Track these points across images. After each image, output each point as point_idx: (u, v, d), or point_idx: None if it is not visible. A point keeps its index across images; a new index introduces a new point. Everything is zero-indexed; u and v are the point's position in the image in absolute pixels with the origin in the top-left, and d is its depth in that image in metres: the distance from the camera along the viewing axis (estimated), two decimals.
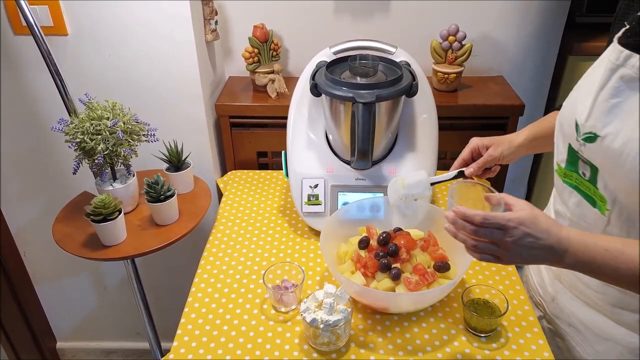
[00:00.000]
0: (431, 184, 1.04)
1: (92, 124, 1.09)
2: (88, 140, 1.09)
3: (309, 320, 0.86)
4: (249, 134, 1.46)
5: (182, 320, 0.97)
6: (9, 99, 1.36)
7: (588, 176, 0.80)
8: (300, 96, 1.17)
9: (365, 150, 1.04)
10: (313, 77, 1.09)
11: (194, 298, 1.02)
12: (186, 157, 1.30)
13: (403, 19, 1.47)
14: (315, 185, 1.15)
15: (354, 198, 1.12)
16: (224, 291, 1.03)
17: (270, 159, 1.52)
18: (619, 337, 0.85)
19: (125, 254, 1.12)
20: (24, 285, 1.70)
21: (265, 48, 1.43)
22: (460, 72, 1.44)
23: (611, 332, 0.86)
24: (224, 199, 1.33)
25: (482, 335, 0.92)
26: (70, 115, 1.18)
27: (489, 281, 1.04)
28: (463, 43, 1.42)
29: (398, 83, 1.05)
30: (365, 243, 0.97)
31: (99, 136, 1.09)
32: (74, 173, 1.12)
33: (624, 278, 0.69)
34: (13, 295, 1.65)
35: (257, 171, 1.45)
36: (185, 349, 0.91)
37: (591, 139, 0.76)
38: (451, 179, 1.03)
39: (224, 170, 1.57)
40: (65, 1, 1.22)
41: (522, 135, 1.02)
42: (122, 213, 1.12)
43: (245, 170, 1.46)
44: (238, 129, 1.46)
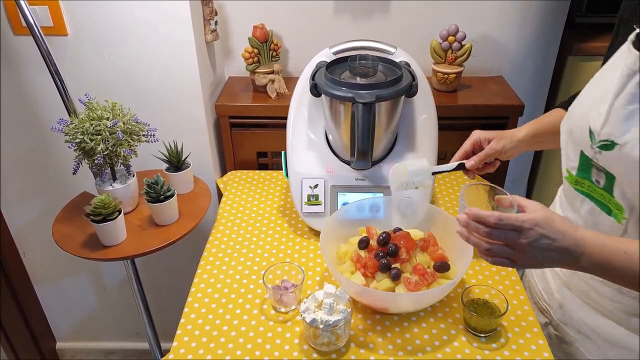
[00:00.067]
0: (432, 174, 1.04)
1: (92, 124, 1.09)
2: (88, 140, 1.09)
3: (308, 320, 0.86)
4: (249, 134, 1.46)
5: (182, 321, 0.97)
6: (9, 99, 1.36)
7: (602, 184, 0.77)
8: (300, 96, 1.17)
9: (365, 151, 1.04)
10: (313, 77, 1.09)
11: (194, 298, 1.02)
12: (186, 158, 1.30)
13: (403, 19, 1.47)
14: (315, 186, 1.15)
15: (354, 198, 1.12)
16: (224, 291, 1.03)
17: (270, 159, 1.52)
18: (634, 345, 0.83)
19: (125, 254, 1.12)
20: (23, 285, 1.70)
21: (265, 48, 1.43)
22: (460, 73, 1.44)
23: (625, 340, 0.84)
24: (223, 199, 1.33)
25: (482, 335, 0.92)
26: (70, 115, 1.18)
27: (489, 281, 1.04)
28: (463, 43, 1.42)
29: (398, 83, 1.05)
30: (365, 243, 0.97)
31: (99, 136, 1.09)
32: (74, 173, 1.12)
33: None
34: (13, 296, 1.65)
35: (257, 171, 1.45)
36: (185, 349, 0.91)
37: (608, 146, 0.73)
38: (452, 170, 1.02)
39: (223, 171, 1.57)
40: (65, 1, 1.22)
41: (523, 130, 1.01)
42: (122, 213, 1.12)
43: (245, 171, 1.45)
44: (238, 129, 1.46)
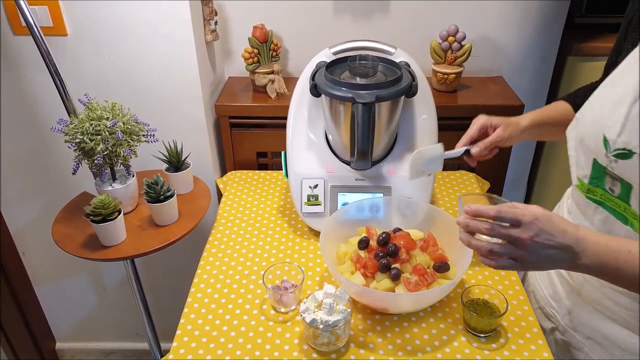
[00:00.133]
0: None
1: (92, 125, 1.09)
2: (87, 140, 1.09)
3: (308, 320, 0.86)
4: (249, 134, 1.46)
5: (182, 321, 0.97)
6: (8, 99, 1.36)
7: (617, 192, 0.75)
8: (300, 96, 1.17)
9: (364, 151, 1.04)
10: (313, 78, 1.09)
11: (194, 298, 1.02)
12: (186, 158, 1.30)
13: (403, 19, 1.47)
14: (315, 186, 1.15)
15: (354, 198, 1.12)
16: (224, 292, 1.03)
17: (270, 160, 1.52)
18: None
19: (124, 254, 1.12)
20: (23, 285, 1.70)
21: (265, 48, 1.43)
22: (460, 73, 1.44)
23: (638, 347, 0.82)
24: (223, 199, 1.33)
25: (482, 335, 0.91)
26: (69, 115, 1.18)
27: (489, 281, 1.04)
28: (463, 43, 1.42)
29: (398, 83, 1.05)
30: (364, 243, 0.97)
31: (99, 136, 1.09)
32: (74, 173, 1.12)
33: None
34: (12, 296, 1.65)
35: (257, 171, 1.45)
36: (184, 350, 0.91)
37: (625, 155, 0.71)
38: (459, 157, 1.01)
39: (223, 171, 1.57)
40: (64, 1, 1.22)
41: (527, 119, 0.99)
42: (122, 213, 1.12)
43: (245, 171, 1.45)
44: (238, 129, 1.46)
